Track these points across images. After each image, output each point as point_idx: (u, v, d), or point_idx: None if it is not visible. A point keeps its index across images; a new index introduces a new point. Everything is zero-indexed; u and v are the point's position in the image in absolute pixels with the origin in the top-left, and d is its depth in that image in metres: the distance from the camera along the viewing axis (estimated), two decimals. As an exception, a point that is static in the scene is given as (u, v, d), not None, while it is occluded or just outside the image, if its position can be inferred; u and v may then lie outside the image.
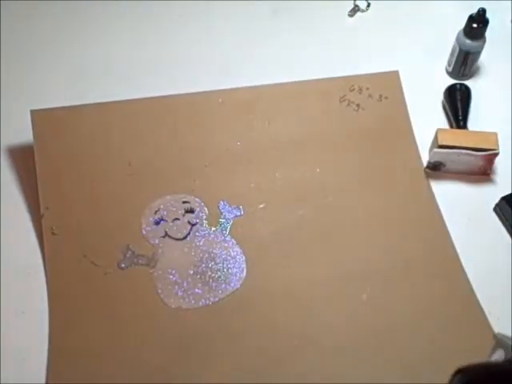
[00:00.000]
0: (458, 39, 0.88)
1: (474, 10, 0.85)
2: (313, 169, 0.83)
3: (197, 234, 0.78)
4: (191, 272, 0.76)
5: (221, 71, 0.92)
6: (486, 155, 0.80)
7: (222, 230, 0.79)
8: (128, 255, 0.77)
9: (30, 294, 0.75)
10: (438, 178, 0.83)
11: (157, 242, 0.78)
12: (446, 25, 0.94)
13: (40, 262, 0.77)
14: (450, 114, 0.87)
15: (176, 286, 0.75)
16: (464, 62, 0.89)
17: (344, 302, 0.74)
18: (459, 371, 0.45)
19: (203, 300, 0.75)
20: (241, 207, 0.80)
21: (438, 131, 0.82)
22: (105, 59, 0.94)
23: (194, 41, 0.96)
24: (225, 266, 0.77)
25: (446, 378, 0.47)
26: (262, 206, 0.80)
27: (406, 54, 0.94)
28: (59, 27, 0.97)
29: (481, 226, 0.81)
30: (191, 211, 0.80)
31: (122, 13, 0.99)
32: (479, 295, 0.75)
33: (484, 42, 0.87)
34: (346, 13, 1.00)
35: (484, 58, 0.91)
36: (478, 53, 0.89)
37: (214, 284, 0.75)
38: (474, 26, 0.85)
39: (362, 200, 0.81)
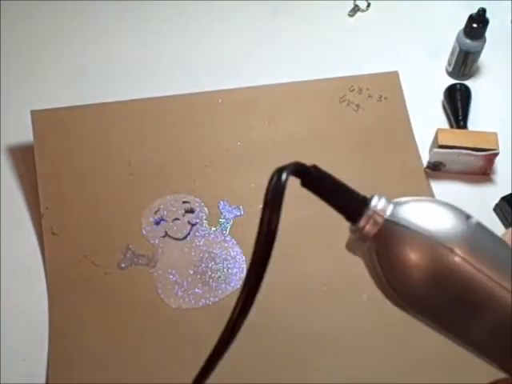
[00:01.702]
0: (458, 39, 0.88)
1: (474, 10, 0.85)
2: (313, 169, 0.83)
3: (197, 233, 0.78)
4: (191, 272, 0.76)
5: (221, 71, 0.92)
6: (486, 155, 0.80)
7: (222, 230, 0.79)
8: (128, 255, 0.77)
9: (30, 294, 0.75)
10: (438, 178, 0.83)
11: (157, 241, 0.78)
12: (446, 25, 0.94)
13: (40, 262, 0.77)
14: (450, 113, 0.87)
15: (176, 286, 0.75)
16: (464, 62, 0.89)
17: (344, 301, 0.74)
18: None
19: (203, 300, 0.75)
20: (241, 207, 0.80)
21: (438, 131, 0.82)
22: (105, 59, 0.94)
23: (194, 41, 0.96)
24: (225, 266, 0.77)
25: (447, 377, 0.47)
26: (262, 206, 0.80)
27: (406, 54, 0.94)
28: (59, 27, 0.97)
29: (481, 225, 0.80)
30: (191, 211, 0.80)
31: (122, 13, 0.99)
32: (479, 295, 0.75)
33: (484, 41, 0.87)
34: (346, 13, 1.00)
35: (484, 58, 0.91)
36: (478, 53, 0.89)
37: (214, 284, 0.75)
38: (474, 25, 0.85)
39: (362, 200, 0.81)
